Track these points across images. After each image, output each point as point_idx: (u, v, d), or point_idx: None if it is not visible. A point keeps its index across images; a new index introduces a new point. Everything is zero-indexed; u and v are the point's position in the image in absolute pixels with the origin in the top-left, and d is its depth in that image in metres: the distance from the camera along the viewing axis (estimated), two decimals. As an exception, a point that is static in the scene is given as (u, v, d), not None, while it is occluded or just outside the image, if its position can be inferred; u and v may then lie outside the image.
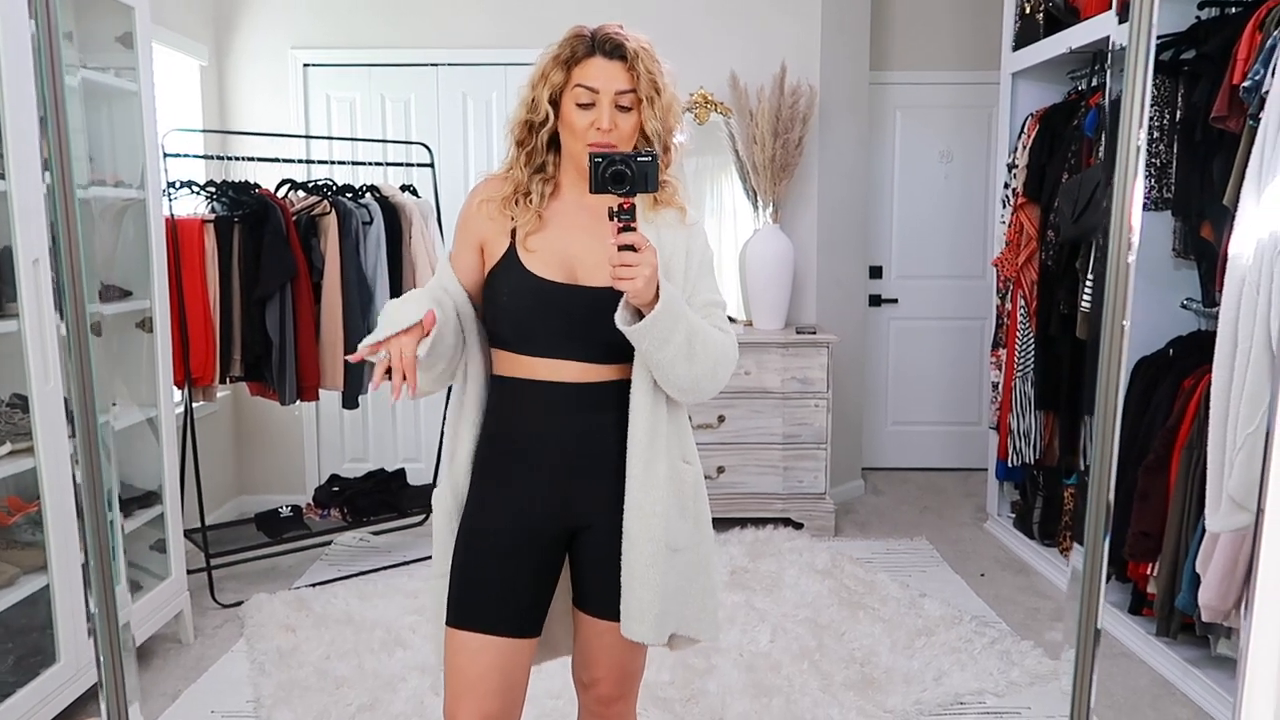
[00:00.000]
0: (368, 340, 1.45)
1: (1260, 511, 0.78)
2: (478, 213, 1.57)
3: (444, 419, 4.10)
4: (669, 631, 1.55)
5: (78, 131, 1.01)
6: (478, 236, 1.57)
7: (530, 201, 1.53)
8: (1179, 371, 2.97)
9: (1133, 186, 0.98)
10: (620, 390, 1.52)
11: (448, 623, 1.54)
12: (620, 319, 1.41)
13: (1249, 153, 2.32)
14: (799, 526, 4.05)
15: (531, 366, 1.53)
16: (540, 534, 1.55)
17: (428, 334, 1.44)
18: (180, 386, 3.22)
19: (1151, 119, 3.03)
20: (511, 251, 1.52)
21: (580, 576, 1.59)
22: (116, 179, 2.91)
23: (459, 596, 1.53)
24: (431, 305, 1.47)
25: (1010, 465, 4.00)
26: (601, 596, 1.54)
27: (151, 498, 3.00)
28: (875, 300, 5.08)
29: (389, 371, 1.43)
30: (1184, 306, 3.14)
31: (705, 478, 1.67)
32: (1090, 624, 1.00)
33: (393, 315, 1.46)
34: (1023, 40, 3.90)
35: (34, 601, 2.40)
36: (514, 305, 1.52)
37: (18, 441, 2.36)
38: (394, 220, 3.64)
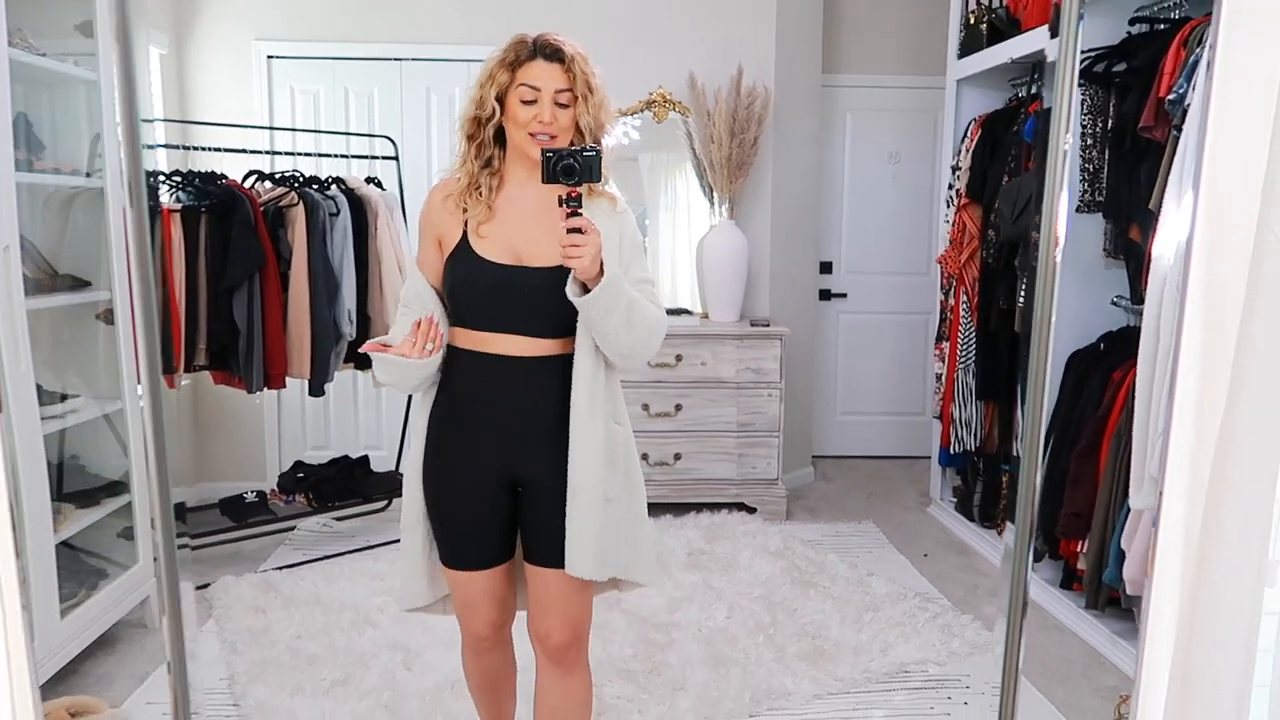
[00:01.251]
0: (380, 340, 1.74)
1: (1160, 493, 0.92)
2: (440, 208, 1.78)
3: (407, 407, 4.16)
4: (609, 573, 1.77)
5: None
6: (437, 231, 1.79)
7: (481, 194, 1.74)
8: (1109, 364, 3.17)
9: (1058, 193, 1.12)
10: (562, 362, 1.74)
11: (442, 560, 1.84)
12: (571, 292, 1.63)
13: (1172, 161, 2.52)
14: (752, 511, 4.20)
15: (484, 341, 1.74)
16: (491, 488, 1.79)
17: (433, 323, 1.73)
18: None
19: (1085, 127, 3.23)
20: (465, 240, 1.73)
21: (528, 531, 1.82)
22: (73, 168, 2.92)
23: (442, 543, 1.83)
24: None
25: (952, 452, 4.20)
26: (548, 547, 1.76)
27: (116, 487, 3.02)
28: (825, 294, 5.25)
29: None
30: (1114, 304, 3.35)
31: (663, 464, 1.90)
32: (1020, 590, 1.13)
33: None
34: (967, 49, 4.10)
35: (7, 583, 2.43)
36: (468, 287, 1.73)
37: (-7, 425, 2.39)
38: (360, 212, 3.70)
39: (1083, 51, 3.16)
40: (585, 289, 1.63)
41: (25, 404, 2.44)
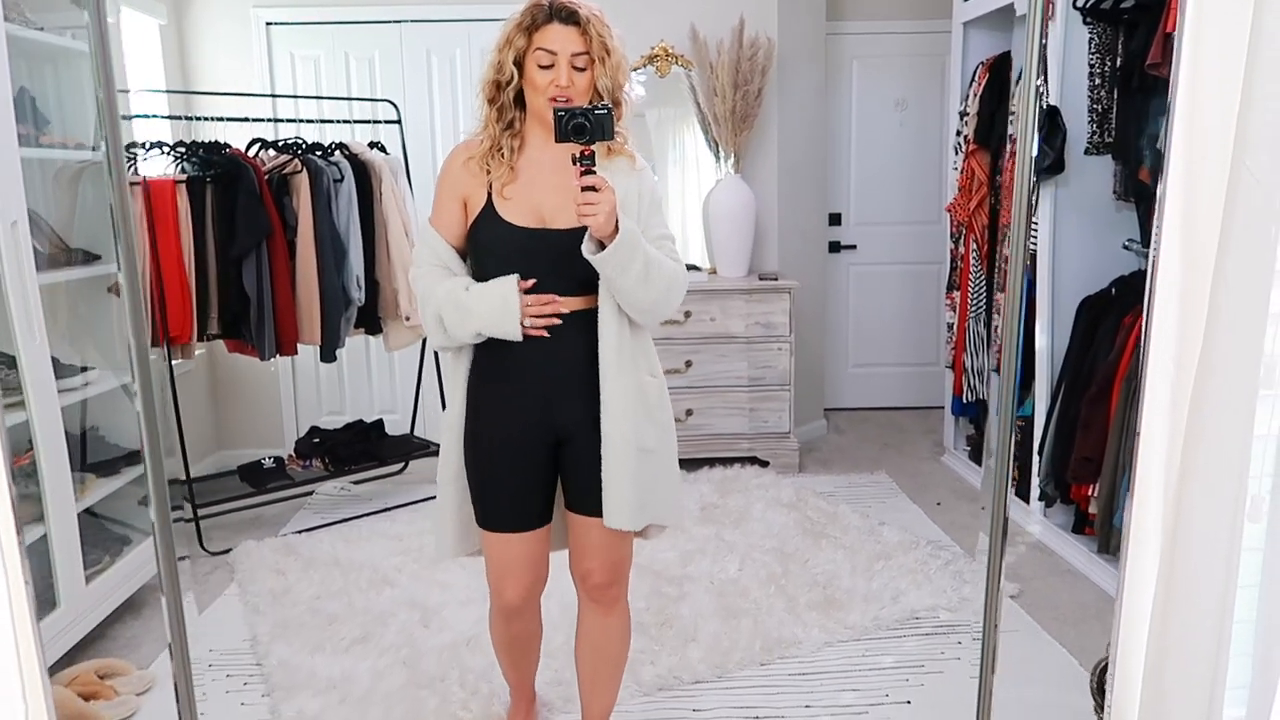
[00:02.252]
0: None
1: (1135, 434, 0.92)
2: (462, 170, 1.80)
3: (419, 370, 4.20)
4: (646, 521, 1.83)
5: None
6: (461, 191, 1.80)
7: (503, 156, 1.76)
8: (1120, 309, 3.15)
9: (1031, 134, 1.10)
10: (589, 318, 1.76)
11: (478, 523, 1.87)
12: (586, 250, 1.65)
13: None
14: (765, 465, 4.22)
15: None
16: (532, 447, 1.82)
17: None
18: (157, 346, 3.29)
19: (1092, 66, 3.17)
20: (490, 203, 1.75)
21: (568, 482, 1.87)
22: (76, 141, 2.93)
23: (480, 505, 1.86)
24: (460, 281, 1.79)
25: (965, 401, 4.19)
26: (587, 497, 1.82)
27: (134, 456, 3.07)
28: (835, 246, 5.22)
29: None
30: (1125, 247, 3.31)
31: (675, 420, 1.92)
32: (1000, 509, 1.14)
33: (487, 302, 1.75)
34: (973, -11, 4.01)
35: (31, 552, 2.49)
36: (495, 250, 1.77)
37: (8, 396, 2.43)
38: (364, 177, 3.70)
39: (1089, -12, 3.09)
40: (602, 246, 1.64)
41: (41, 377, 2.48)
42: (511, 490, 1.83)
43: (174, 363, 3.55)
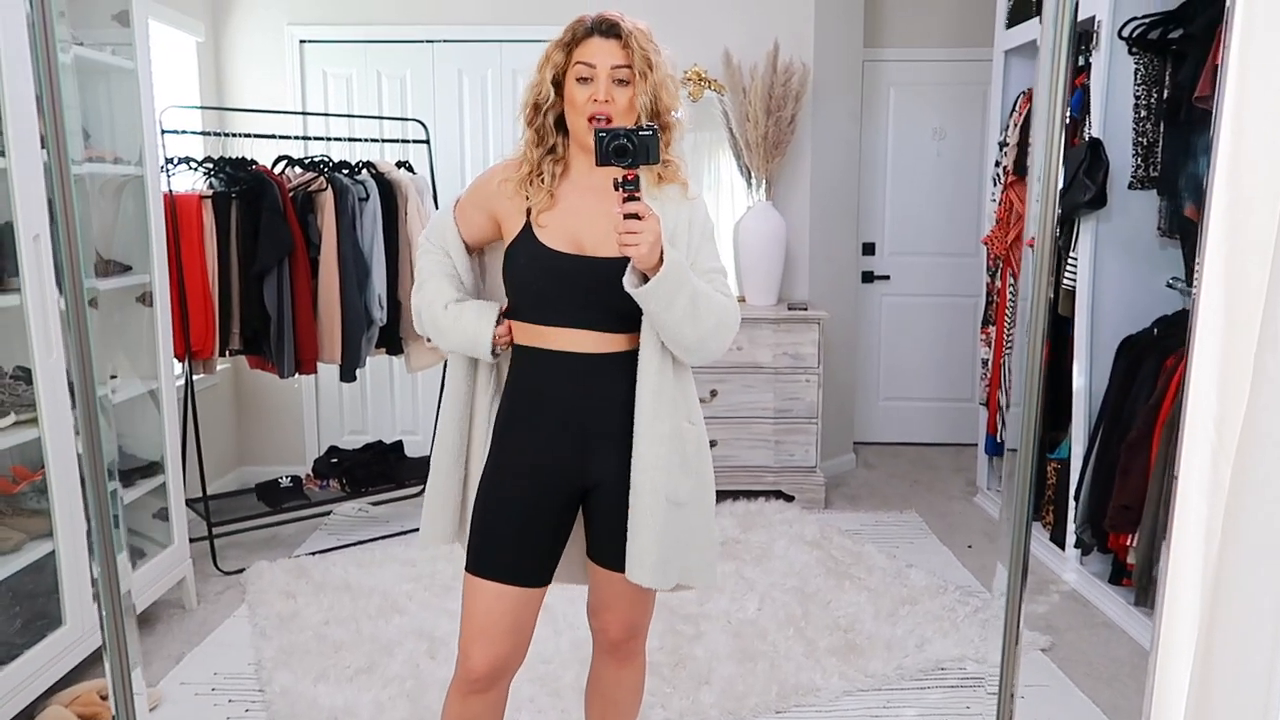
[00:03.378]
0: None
1: (1174, 477, 0.84)
2: (498, 190, 1.69)
3: (440, 393, 4.15)
4: (673, 579, 1.68)
5: (72, 109, 1.05)
6: (493, 208, 1.70)
7: (543, 181, 1.65)
8: (1163, 350, 3.02)
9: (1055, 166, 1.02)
10: (630, 359, 1.64)
11: (467, 569, 1.68)
12: (628, 282, 1.53)
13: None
14: (790, 499, 4.12)
15: (547, 336, 1.66)
16: (555, 493, 1.68)
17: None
18: (180, 359, 3.28)
19: (1138, 98, 3.07)
20: (527, 228, 1.64)
21: (592, 530, 1.73)
22: (115, 156, 2.95)
23: (479, 547, 1.67)
24: (450, 284, 1.72)
25: (999, 440, 4.06)
26: (611, 548, 1.68)
27: (154, 468, 3.06)
28: (868, 277, 5.12)
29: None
30: (1170, 285, 3.19)
31: None
32: (1020, 552, 1.05)
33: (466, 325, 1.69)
34: (1016, 18, 3.93)
35: (40, 567, 2.47)
36: (530, 278, 1.65)
37: (22, 412, 2.42)
38: (390, 196, 3.68)
39: (1136, 17, 3.01)
40: (646, 279, 1.52)
41: (57, 392, 2.46)
42: (520, 536, 1.66)
43: (196, 377, 3.54)
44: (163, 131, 3.16)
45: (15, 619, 2.48)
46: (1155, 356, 3.02)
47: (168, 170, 3.21)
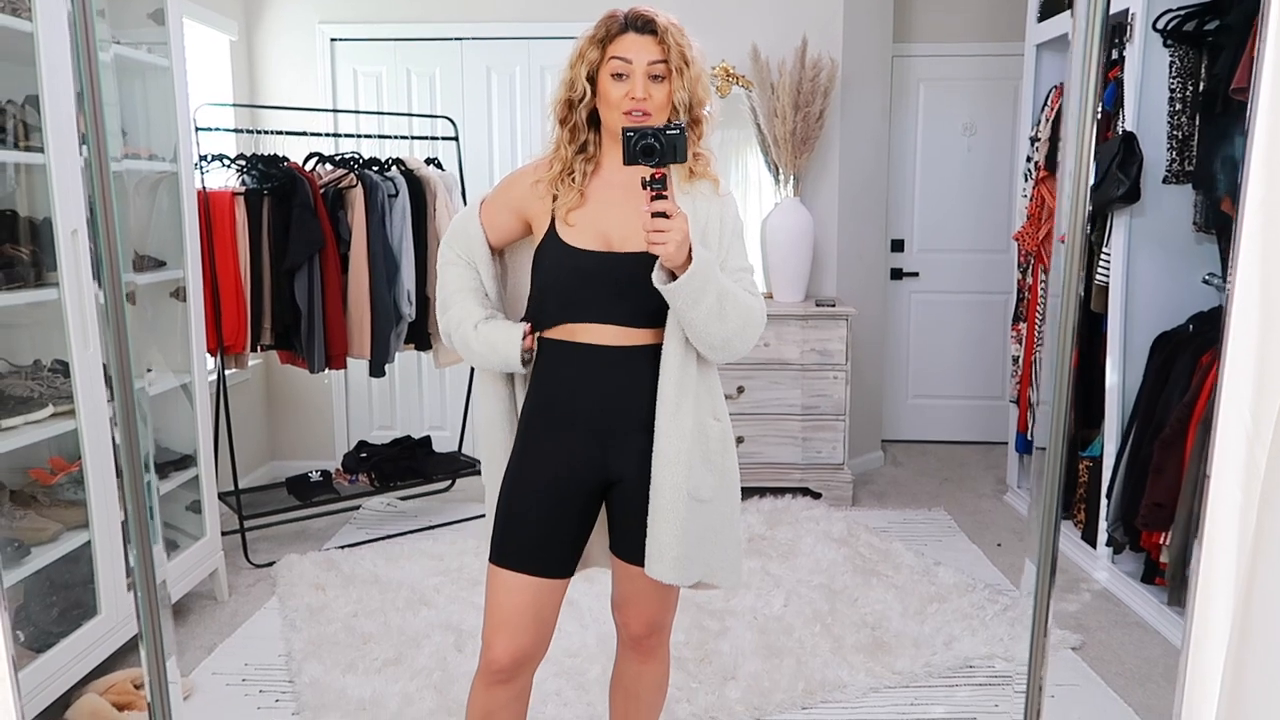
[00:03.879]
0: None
1: (1206, 477, 0.82)
2: (530, 191, 1.69)
3: (469, 388, 4.19)
4: (694, 576, 1.67)
5: (111, 106, 1.07)
6: (521, 208, 1.71)
7: (573, 180, 1.65)
8: (1198, 347, 2.97)
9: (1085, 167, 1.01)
10: (655, 353, 1.64)
11: (491, 560, 1.68)
12: (656, 279, 1.53)
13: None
14: (817, 496, 4.10)
15: (574, 331, 1.66)
16: (579, 486, 1.68)
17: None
18: (213, 354, 3.33)
19: (1173, 91, 3.02)
20: (553, 227, 1.65)
21: (615, 524, 1.73)
22: (150, 152, 2.99)
23: (501, 537, 1.68)
24: (475, 301, 1.72)
25: (1030, 438, 4.02)
26: (632, 543, 1.67)
27: (187, 461, 3.11)
28: (897, 274, 5.08)
29: None
30: (1205, 282, 3.13)
31: None
32: (1048, 553, 1.04)
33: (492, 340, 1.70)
34: (1048, 11, 3.88)
35: (76, 557, 2.51)
36: (556, 275, 1.65)
37: (59, 404, 2.47)
38: (419, 193, 3.71)
39: (1171, 9, 2.96)
40: (674, 277, 1.53)
41: (93, 385, 2.50)
42: (544, 529, 1.66)
43: (228, 371, 3.58)
44: (197, 129, 3.20)
45: (52, 608, 2.53)
46: (1190, 353, 2.98)
47: (201, 167, 3.25)
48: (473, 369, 4.14)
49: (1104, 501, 3.25)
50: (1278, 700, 1.04)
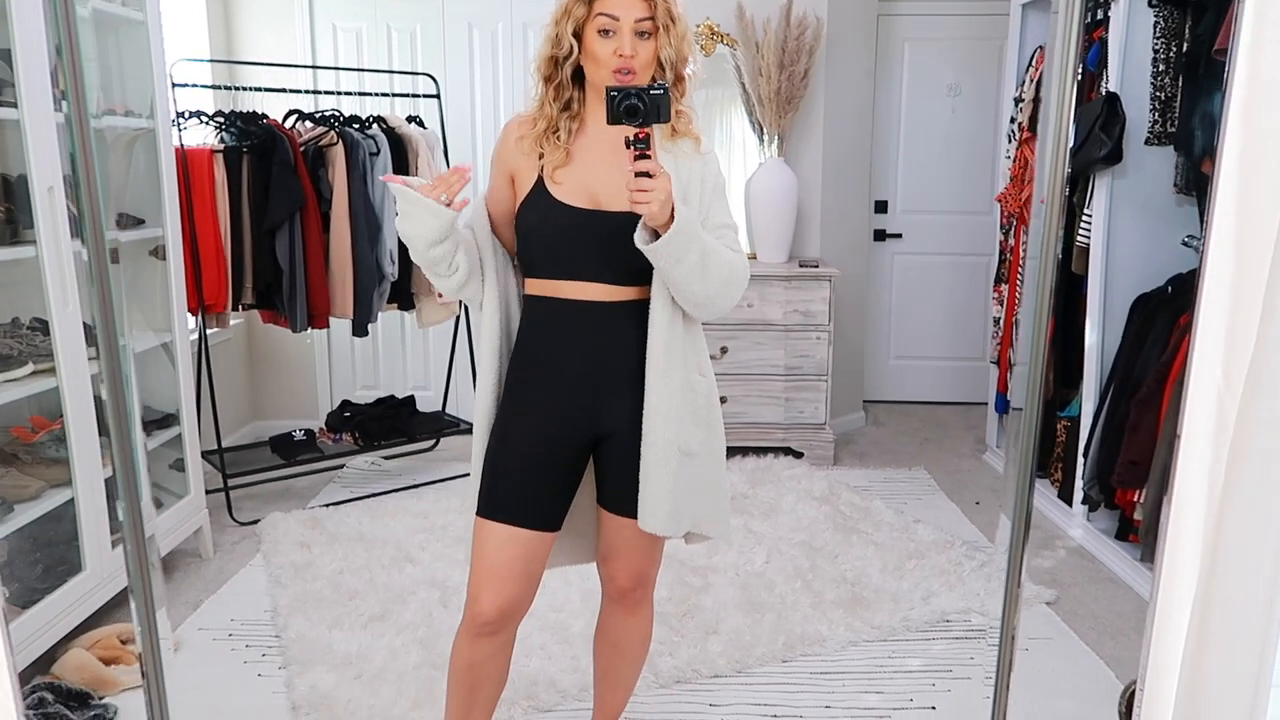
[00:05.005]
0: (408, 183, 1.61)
1: (1177, 438, 0.85)
2: (514, 148, 1.69)
3: (452, 348, 4.18)
4: (684, 528, 1.71)
5: (89, 61, 1.05)
6: (509, 168, 1.71)
7: (559, 138, 1.65)
8: (1176, 309, 3.01)
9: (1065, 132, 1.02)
10: (640, 309, 1.66)
11: (478, 513, 1.69)
12: (639, 239, 1.54)
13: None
14: (799, 456, 4.14)
15: (559, 288, 1.67)
16: (566, 440, 1.70)
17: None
18: (194, 313, 3.30)
19: (1157, 52, 3.02)
20: (540, 183, 1.65)
21: (603, 478, 1.75)
22: (126, 109, 2.95)
23: (489, 491, 1.69)
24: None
25: (1009, 399, 4.07)
26: (621, 495, 1.70)
27: (169, 419, 3.10)
28: (880, 235, 5.09)
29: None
30: (1185, 244, 3.16)
31: None
32: (1023, 508, 1.07)
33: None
34: (1034, -30, 3.86)
35: (59, 515, 2.52)
36: (543, 231, 1.65)
37: (40, 362, 2.45)
38: (400, 151, 3.67)
39: (1157, -31, 2.95)
40: (657, 235, 1.53)
41: (73, 343, 2.49)
42: (531, 480, 1.68)
43: (210, 331, 3.57)
44: (174, 85, 3.15)
45: (36, 565, 2.53)
46: (1168, 315, 3.01)
47: (179, 124, 3.21)
48: (456, 328, 4.14)
49: (1081, 460, 3.31)
50: (1240, 649, 1.07)
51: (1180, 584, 1.12)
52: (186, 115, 3.35)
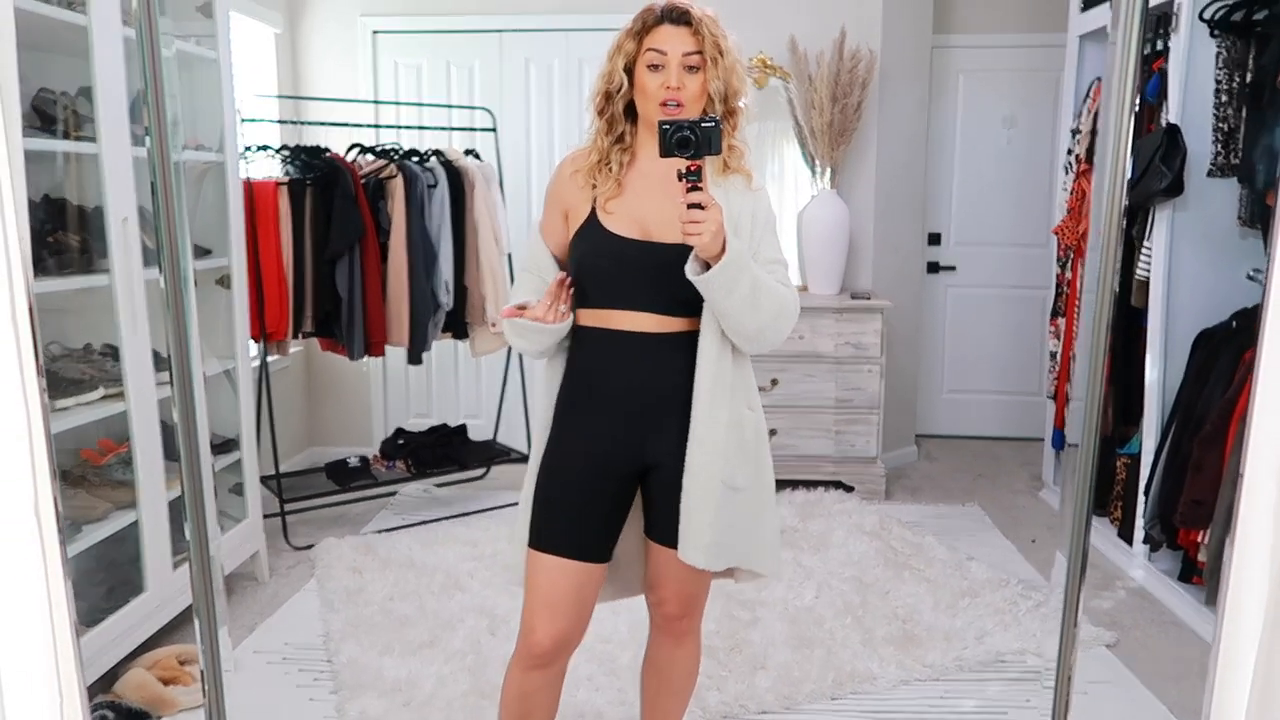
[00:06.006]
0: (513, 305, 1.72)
1: (1241, 476, 0.83)
2: (569, 182, 1.74)
3: (504, 377, 4.23)
4: (726, 562, 1.70)
5: (172, 98, 1.11)
6: (564, 203, 1.75)
7: (611, 170, 1.69)
8: (1240, 344, 2.93)
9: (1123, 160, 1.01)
10: (691, 340, 1.67)
11: (530, 545, 1.72)
12: (690, 270, 1.56)
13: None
14: (849, 490, 4.09)
15: (611, 318, 1.69)
16: (614, 471, 1.71)
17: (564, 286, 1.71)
18: (256, 340, 3.39)
19: (1219, 82, 2.97)
20: (593, 215, 1.68)
21: (650, 507, 1.76)
22: (197, 143, 3.06)
23: (540, 523, 1.71)
24: (529, 291, 1.75)
25: (1066, 434, 3.98)
26: (666, 525, 1.70)
27: (230, 445, 3.18)
28: (934, 267, 5.04)
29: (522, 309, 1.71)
30: (1250, 278, 3.08)
31: None
32: (1079, 544, 1.04)
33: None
34: (1091, 1, 3.82)
35: (123, 536, 2.59)
36: (595, 262, 1.68)
37: (109, 387, 2.54)
38: (458, 183, 3.75)
39: None
40: (708, 267, 1.55)
41: (141, 370, 2.57)
42: (581, 513, 1.70)
43: (270, 359, 3.66)
44: (242, 120, 3.27)
45: (100, 585, 2.61)
46: (1232, 350, 2.94)
47: (246, 157, 3.32)
48: (508, 358, 4.19)
49: (1141, 499, 3.22)
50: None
51: (1244, 628, 1.09)
52: (254, 149, 3.46)
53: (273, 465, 3.56)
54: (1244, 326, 2.99)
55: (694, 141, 1.50)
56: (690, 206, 1.50)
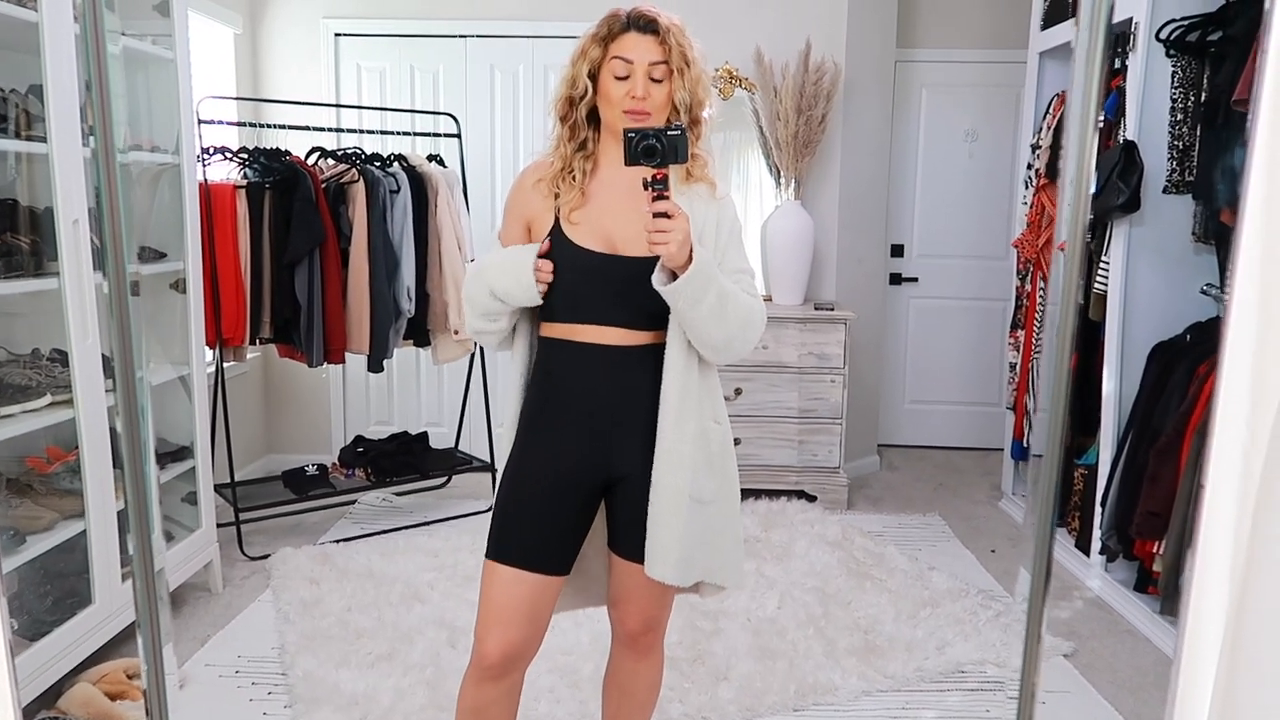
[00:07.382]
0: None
1: (1201, 486, 0.83)
2: (531, 193, 1.70)
3: (466, 385, 4.19)
4: (694, 577, 1.68)
5: (119, 97, 1.08)
6: (526, 214, 1.71)
7: (574, 179, 1.66)
8: (1195, 357, 2.98)
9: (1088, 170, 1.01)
10: (657, 353, 1.65)
11: (488, 556, 1.68)
12: (656, 280, 1.54)
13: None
14: (812, 499, 4.11)
15: (574, 331, 1.67)
16: (578, 484, 1.68)
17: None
18: (211, 346, 3.33)
19: (1175, 100, 3.03)
20: (557, 226, 1.65)
21: (614, 522, 1.73)
22: (153, 144, 3.00)
23: (499, 533, 1.68)
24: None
25: (1025, 445, 4.03)
26: (631, 540, 1.67)
27: (183, 452, 3.11)
28: (896, 279, 5.09)
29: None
30: (1204, 292, 3.14)
31: None
32: (1043, 557, 1.04)
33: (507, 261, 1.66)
34: (1051, 19, 3.89)
35: (71, 547, 2.51)
36: (561, 275, 1.64)
37: (58, 394, 2.47)
38: (420, 189, 3.71)
39: (1175, 19, 2.97)
40: (674, 277, 1.53)
41: (91, 376, 2.50)
42: (540, 525, 1.66)
43: (226, 364, 3.59)
44: (199, 121, 3.20)
45: (46, 597, 2.53)
46: (1187, 363, 2.99)
47: (204, 160, 3.25)
48: (470, 366, 4.15)
49: (1098, 509, 3.26)
50: (1269, 712, 1.04)
51: (1205, 641, 1.10)
52: (211, 151, 3.40)
53: (228, 473, 3.49)
54: (1198, 340, 3.05)
55: (660, 150, 1.48)
56: (656, 215, 1.48)
